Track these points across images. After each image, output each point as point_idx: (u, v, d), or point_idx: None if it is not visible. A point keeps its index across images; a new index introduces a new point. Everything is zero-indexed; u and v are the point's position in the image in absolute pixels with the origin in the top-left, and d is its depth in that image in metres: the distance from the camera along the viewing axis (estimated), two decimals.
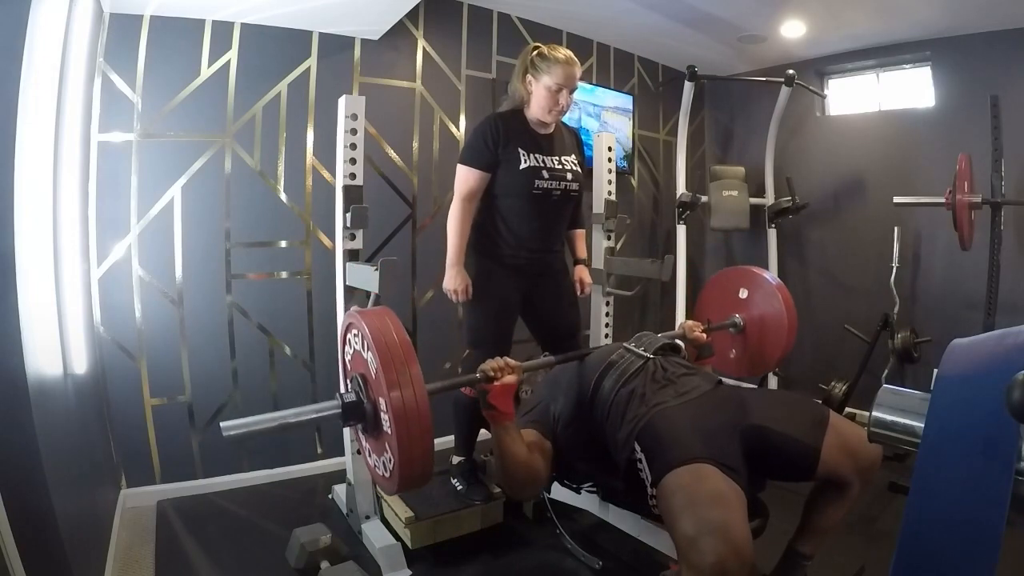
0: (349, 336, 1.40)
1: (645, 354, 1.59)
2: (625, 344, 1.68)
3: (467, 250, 1.97)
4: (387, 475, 1.28)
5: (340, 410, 1.28)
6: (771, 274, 2.06)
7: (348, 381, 1.38)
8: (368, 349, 1.23)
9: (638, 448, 1.36)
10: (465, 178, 1.93)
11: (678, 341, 1.79)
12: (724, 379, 1.63)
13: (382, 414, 1.21)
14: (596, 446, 1.52)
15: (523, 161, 1.92)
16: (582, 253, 2.26)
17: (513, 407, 1.43)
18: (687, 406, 1.42)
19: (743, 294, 2.09)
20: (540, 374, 1.91)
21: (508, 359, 1.45)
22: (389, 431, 1.18)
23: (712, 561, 1.04)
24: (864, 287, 3.29)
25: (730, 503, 1.14)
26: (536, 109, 1.94)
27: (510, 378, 1.42)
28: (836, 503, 1.43)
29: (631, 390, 1.47)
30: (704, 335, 1.90)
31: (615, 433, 1.44)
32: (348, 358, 1.42)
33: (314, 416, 1.32)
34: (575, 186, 2.02)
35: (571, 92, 1.93)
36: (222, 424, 1.22)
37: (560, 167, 1.98)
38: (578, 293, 2.22)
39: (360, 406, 1.28)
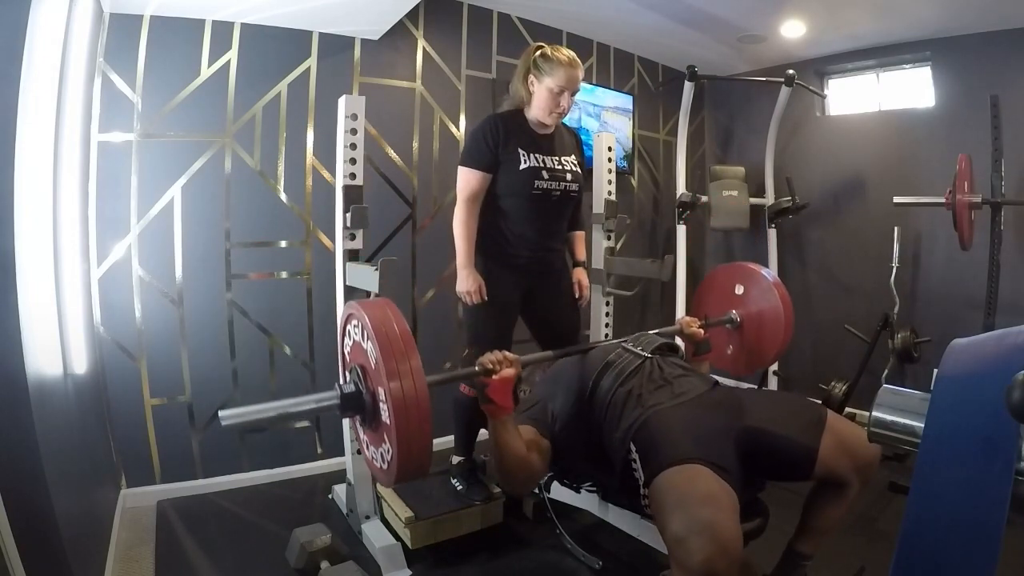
0: (349, 327, 1.39)
1: (643, 353, 1.59)
2: (623, 343, 1.68)
3: None
4: (385, 467, 1.28)
5: (338, 401, 1.27)
6: (768, 270, 2.05)
7: (347, 373, 1.37)
8: (368, 339, 1.22)
9: (633, 448, 1.36)
10: (467, 179, 1.93)
11: (676, 341, 1.79)
12: (723, 379, 1.63)
13: (381, 404, 1.20)
14: (594, 445, 1.52)
15: (523, 161, 1.92)
16: (581, 255, 2.26)
17: (511, 401, 1.43)
18: (683, 407, 1.42)
19: (739, 290, 2.08)
20: (539, 373, 1.91)
21: (507, 352, 1.45)
22: (388, 421, 1.17)
23: (700, 559, 1.05)
24: (864, 287, 3.29)
25: (720, 503, 1.14)
26: (537, 110, 1.94)
27: (508, 371, 1.41)
28: (835, 503, 1.43)
29: (628, 390, 1.48)
30: (701, 331, 1.91)
31: (612, 433, 1.45)
32: (347, 349, 1.42)
33: (312, 406, 1.31)
34: (575, 186, 2.02)
35: (573, 94, 1.93)
36: (221, 413, 1.21)
37: (560, 167, 1.98)
38: (576, 295, 2.21)
39: (359, 397, 1.27)
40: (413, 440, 1.16)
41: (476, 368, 1.43)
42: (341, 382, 1.32)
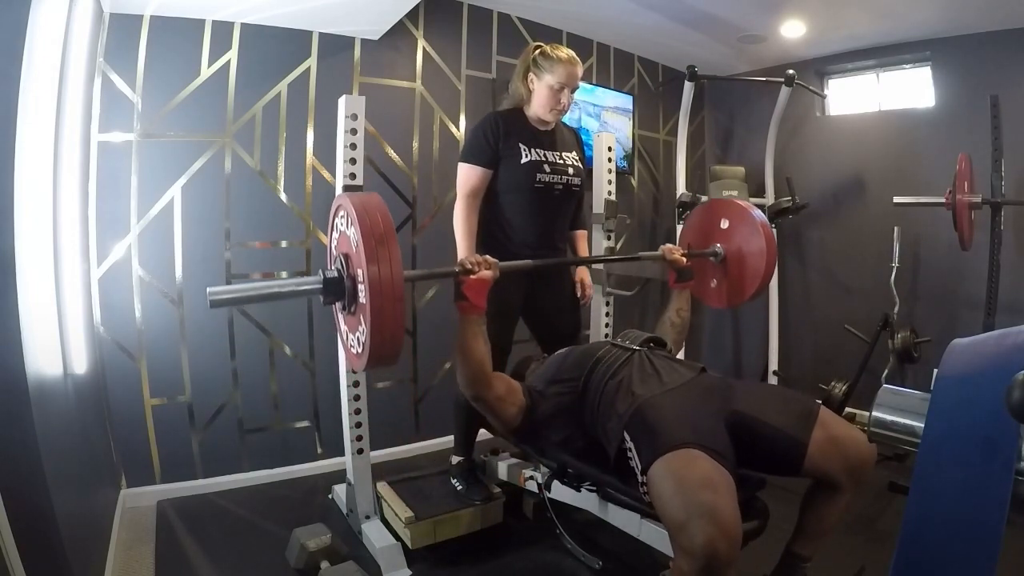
0: (336, 220, 1.43)
1: (631, 347, 1.62)
2: (612, 340, 1.72)
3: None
4: (360, 350, 1.33)
5: (321, 284, 1.33)
6: (756, 209, 2.05)
7: (331, 263, 1.42)
8: (351, 225, 1.27)
9: (627, 438, 1.37)
10: (467, 176, 1.93)
11: (662, 336, 1.80)
12: (715, 373, 1.64)
13: (359, 287, 1.26)
14: (588, 438, 1.55)
15: (524, 156, 1.92)
16: (584, 254, 2.26)
17: (484, 301, 1.51)
18: (673, 393, 1.44)
19: (725, 224, 2.08)
20: (534, 371, 1.91)
21: (487, 256, 1.53)
22: (364, 301, 1.23)
23: (702, 543, 1.05)
24: (864, 287, 3.29)
25: (718, 486, 1.15)
26: (537, 107, 1.95)
27: (487, 273, 1.50)
28: (829, 504, 1.41)
29: (619, 381, 1.49)
30: (684, 259, 1.93)
31: (605, 424, 1.46)
32: (335, 242, 1.46)
33: (296, 288, 1.38)
34: (577, 180, 2.02)
35: (572, 91, 1.94)
36: (208, 289, 1.25)
37: (562, 162, 1.98)
38: (579, 294, 2.21)
39: (340, 282, 1.32)
40: (386, 319, 1.21)
41: (456, 268, 1.50)
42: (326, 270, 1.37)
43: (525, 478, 2.00)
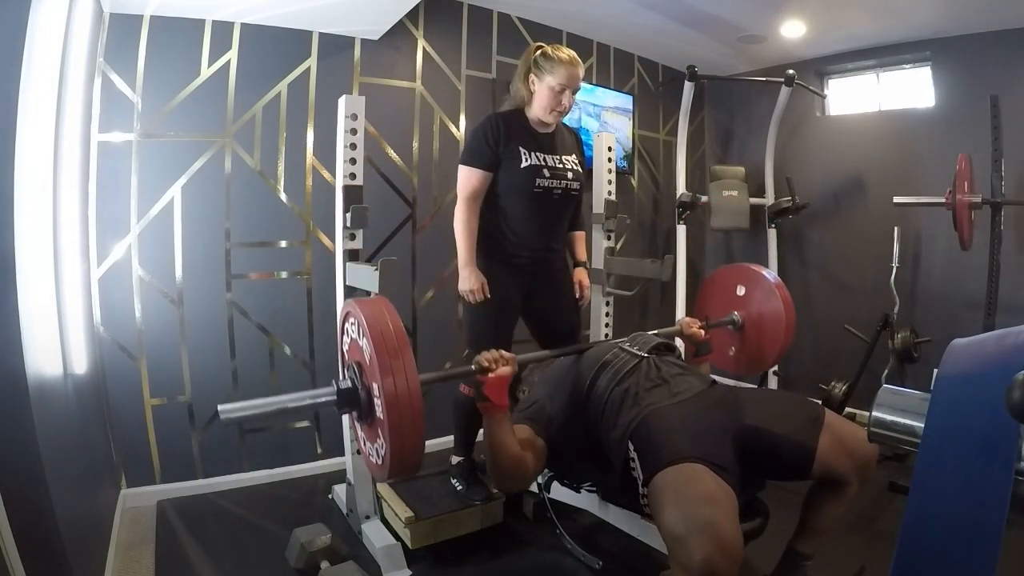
0: (347, 325, 1.41)
1: (640, 353, 1.59)
2: (620, 343, 1.68)
3: None
4: (379, 462, 1.30)
5: (335, 397, 1.30)
6: (770, 271, 2.05)
7: (344, 370, 1.39)
8: (363, 336, 1.25)
9: (631, 447, 1.36)
10: (467, 178, 1.93)
11: (676, 341, 1.79)
12: (721, 378, 1.63)
13: (375, 400, 1.23)
14: (592, 445, 1.52)
15: (524, 159, 1.92)
16: (582, 256, 2.26)
17: (507, 399, 1.44)
18: (680, 406, 1.42)
19: (741, 291, 2.08)
20: (537, 373, 1.91)
21: (503, 351, 1.46)
22: (382, 417, 1.20)
23: (700, 559, 1.05)
24: (864, 287, 3.29)
25: (719, 502, 1.14)
26: (538, 109, 1.94)
27: (505, 370, 1.42)
28: (834, 502, 1.43)
29: (625, 389, 1.48)
30: (702, 332, 1.90)
31: (609, 433, 1.45)
32: (346, 348, 1.44)
33: (310, 402, 1.34)
34: (576, 185, 2.02)
35: (574, 92, 1.93)
36: (220, 407, 1.23)
37: (561, 166, 1.98)
38: (577, 296, 2.21)
39: (355, 393, 1.29)
40: (405, 435, 1.18)
41: (472, 367, 1.43)
42: (339, 379, 1.33)
43: None
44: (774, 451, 1.37)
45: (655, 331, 1.83)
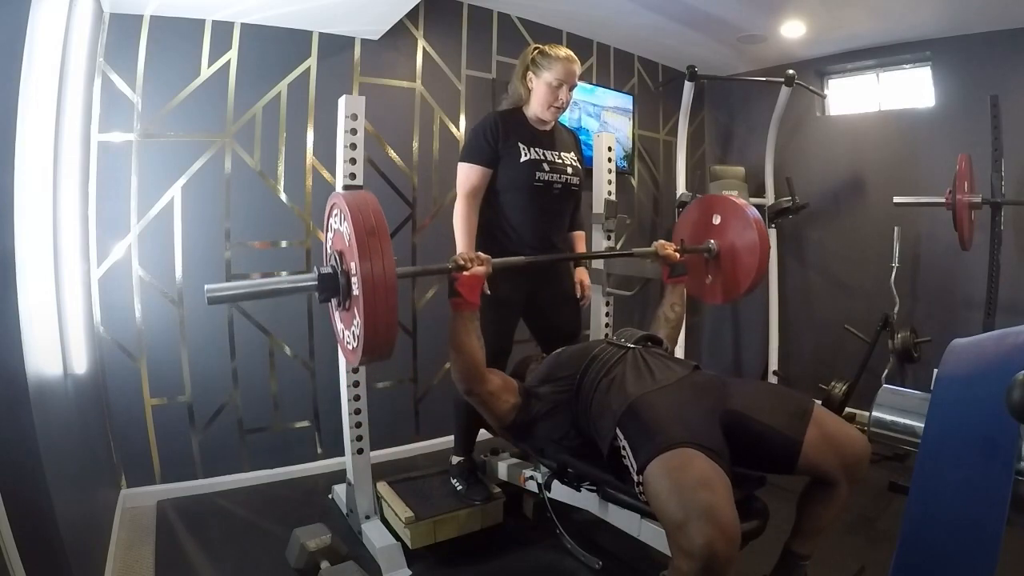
0: (331, 219, 1.44)
1: (626, 345, 1.62)
2: (608, 339, 1.73)
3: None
4: (354, 344, 1.34)
5: (316, 281, 1.34)
6: (749, 205, 2.06)
7: (327, 260, 1.44)
8: (345, 221, 1.29)
9: (620, 435, 1.36)
10: (467, 175, 1.93)
11: (656, 331, 1.81)
12: (723, 377, 1.64)
13: (353, 280, 1.28)
14: (580, 436, 1.55)
15: (523, 155, 1.92)
16: None
17: (478, 298, 1.54)
18: (667, 391, 1.43)
19: (717, 220, 2.09)
20: (533, 369, 1.92)
21: (480, 253, 1.57)
22: (358, 293, 1.25)
23: (701, 543, 1.05)
24: (864, 287, 3.29)
25: (716, 486, 1.14)
26: (536, 106, 1.96)
27: (479, 269, 1.53)
28: (825, 502, 1.41)
29: (612, 378, 1.49)
30: (677, 254, 1.93)
31: (598, 421, 1.46)
32: (330, 240, 1.47)
33: (292, 285, 1.41)
34: (576, 180, 2.03)
35: (571, 89, 1.95)
36: (206, 287, 1.27)
37: (560, 161, 1.99)
38: (578, 296, 2.22)
39: (335, 278, 1.34)
40: (379, 311, 1.23)
41: (449, 264, 1.52)
42: (321, 267, 1.38)
43: (525, 478, 2.00)
44: (758, 439, 1.37)
45: (633, 249, 1.96)
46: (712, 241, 2.09)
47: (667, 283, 1.97)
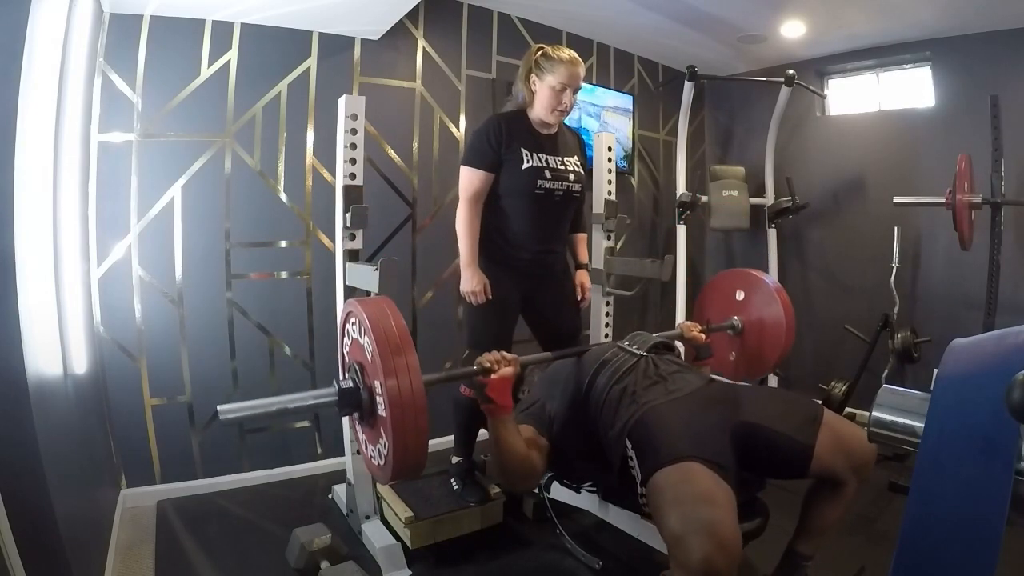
0: (348, 326, 1.40)
1: (638, 352, 1.60)
2: (619, 343, 1.69)
3: None
4: (382, 463, 1.29)
5: (336, 397, 1.29)
6: (770, 276, 2.06)
7: (346, 371, 1.39)
8: (365, 335, 1.24)
9: (629, 446, 1.36)
10: (469, 179, 1.93)
11: (673, 340, 1.79)
12: (722, 378, 1.63)
13: (378, 399, 1.22)
14: (591, 444, 1.53)
15: (526, 161, 1.92)
16: (583, 257, 2.26)
17: (511, 400, 1.44)
18: (677, 403, 1.43)
19: (740, 296, 2.09)
20: (537, 373, 1.91)
21: (505, 352, 1.46)
22: (384, 415, 1.19)
23: (699, 558, 1.05)
24: (864, 287, 3.29)
25: (717, 501, 1.14)
26: (539, 109, 1.95)
27: (507, 370, 1.43)
28: (832, 502, 1.43)
29: (623, 387, 1.48)
30: (702, 336, 1.90)
31: (608, 430, 1.45)
32: (347, 349, 1.43)
33: (311, 403, 1.33)
34: (577, 187, 2.02)
35: (575, 92, 1.94)
36: (219, 408, 1.23)
37: (563, 168, 1.98)
38: (579, 298, 2.22)
39: (356, 393, 1.28)
40: (409, 435, 1.17)
41: (475, 368, 1.44)
42: (340, 380, 1.33)
43: None
44: (772, 449, 1.37)
45: (656, 334, 1.83)
46: (736, 318, 2.08)
47: (686, 364, 1.88)
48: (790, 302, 2.05)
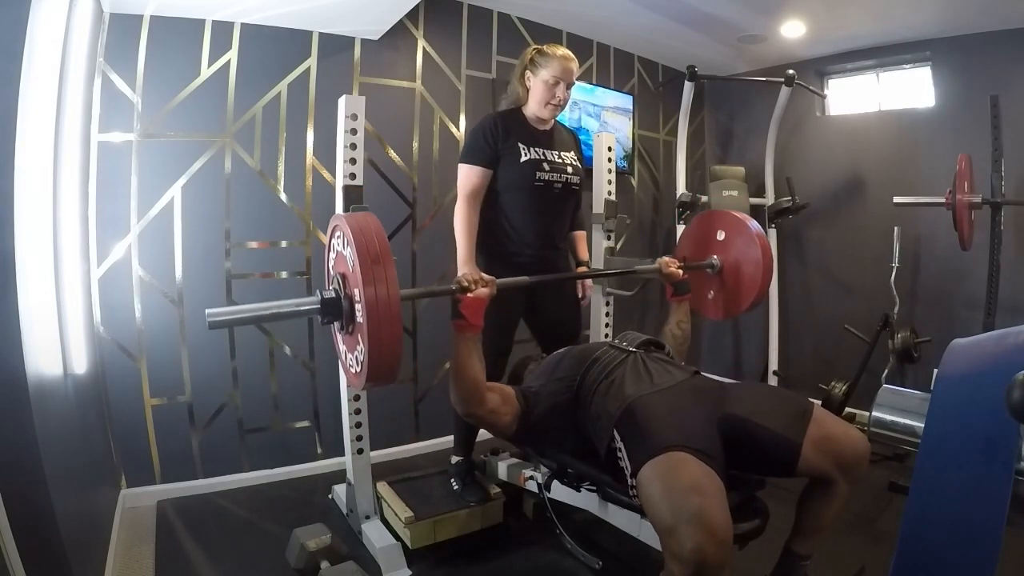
0: (333, 240, 1.43)
1: (628, 348, 1.62)
2: (610, 341, 1.73)
3: None
4: (358, 369, 1.33)
5: (319, 304, 1.33)
6: (751, 219, 2.06)
7: (329, 283, 1.43)
8: (348, 245, 1.28)
9: (617, 436, 1.37)
10: (467, 176, 1.93)
11: (660, 340, 1.81)
12: (722, 378, 1.64)
13: (356, 306, 1.27)
14: (578, 434, 1.56)
15: (523, 154, 1.93)
16: (584, 255, 2.26)
17: (481, 320, 1.50)
18: (664, 394, 1.44)
19: (721, 236, 2.09)
20: (531, 364, 1.92)
21: (484, 274, 1.53)
22: (362, 321, 1.24)
23: (691, 547, 1.05)
24: (864, 287, 3.29)
25: (706, 490, 1.14)
26: (534, 104, 1.96)
27: (483, 291, 1.49)
28: (825, 502, 1.41)
29: (611, 381, 1.50)
30: (680, 272, 1.93)
31: (596, 422, 1.47)
32: (332, 263, 1.46)
33: (295, 309, 1.38)
34: (576, 179, 2.03)
35: (568, 87, 1.96)
36: (207, 311, 1.26)
37: (560, 161, 2.00)
38: (579, 295, 2.22)
39: (338, 302, 1.33)
40: (384, 341, 1.22)
41: (453, 286, 1.49)
42: (324, 291, 1.37)
43: (525, 478, 2.00)
44: (758, 443, 1.36)
45: (637, 266, 1.94)
46: (715, 257, 2.09)
47: (670, 300, 1.96)
48: (769, 245, 2.06)
